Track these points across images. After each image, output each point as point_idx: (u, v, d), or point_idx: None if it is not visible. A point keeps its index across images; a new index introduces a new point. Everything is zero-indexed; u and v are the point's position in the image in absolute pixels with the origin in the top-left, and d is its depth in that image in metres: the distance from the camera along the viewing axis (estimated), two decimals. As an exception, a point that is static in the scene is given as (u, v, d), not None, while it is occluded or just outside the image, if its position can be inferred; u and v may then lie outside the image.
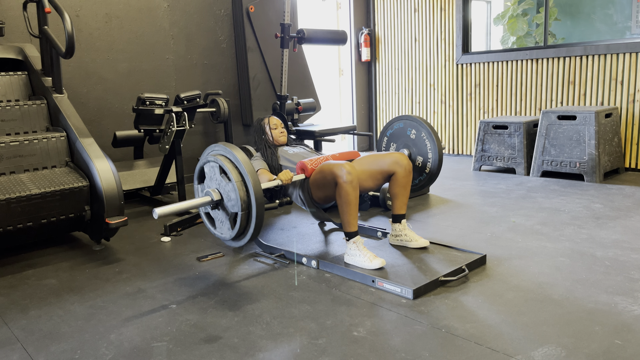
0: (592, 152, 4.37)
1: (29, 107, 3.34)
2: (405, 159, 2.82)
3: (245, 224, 2.39)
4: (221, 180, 2.43)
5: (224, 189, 2.42)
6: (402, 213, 2.85)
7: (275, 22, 5.40)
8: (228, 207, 2.42)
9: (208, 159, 2.51)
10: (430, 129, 3.16)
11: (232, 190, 2.37)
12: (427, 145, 3.17)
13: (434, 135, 3.15)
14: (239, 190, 2.33)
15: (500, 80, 5.63)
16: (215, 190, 2.46)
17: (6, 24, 4.01)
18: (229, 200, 2.40)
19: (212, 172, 2.49)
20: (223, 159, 2.42)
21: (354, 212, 2.59)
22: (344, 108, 6.98)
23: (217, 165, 2.45)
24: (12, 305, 2.37)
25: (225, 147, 2.43)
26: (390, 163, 2.82)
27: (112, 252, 3.08)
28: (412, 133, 3.26)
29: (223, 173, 2.43)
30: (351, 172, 2.55)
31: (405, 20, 6.41)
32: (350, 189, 2.55)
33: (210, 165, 2.49)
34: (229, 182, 2.38)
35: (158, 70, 4.91)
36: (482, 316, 2.05)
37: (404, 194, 2.83)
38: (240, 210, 2.34)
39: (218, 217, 2.51)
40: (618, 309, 2.07)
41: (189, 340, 1.96)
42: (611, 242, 2.87)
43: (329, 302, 2.24)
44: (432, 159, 3.15)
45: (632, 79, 4.70)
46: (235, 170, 2.38)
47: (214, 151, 2.51)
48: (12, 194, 2.79)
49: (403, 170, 2.79)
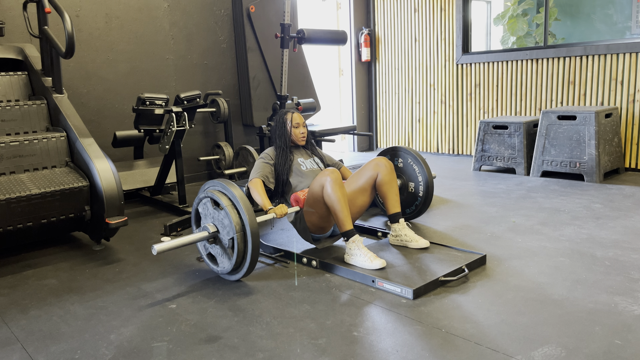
0: (592, 152, 4.36)
1: (29, 107, 3.34)
2: (383, 159, 2.89)
3: (242, 248, 2.39)
4: (214, 212, 2.47)
5: (217, 219, 2.46)
6: (397, 211, 2.86)
7: (275, 22, 5.40)
8: (224, 236, 2.44)
9: (200, 197, 2.57)
10: (415, 155, 3.27)
11: (224, 216, 2.40)
12: (416, 170, 3.28)
13: (420, 159, 3.27)
14: (231, 213, 2.37)
15: (500, 80, 5.63)
16: (210, 224, 2.50)
17: (6, 24, 4.01)
18: (223, 228, 2.43)
19: (205, 209, 2.53)
20: (213, 191, 2.48)
21: (345, 210, 2.59)
22: (344, 108, 6.98)
23: (209, 199, 2.50)
24: (12, 305, 2.37)
25: (213, 181, 2.51)
26: (371, 168, 2.88)
27: (112, 252, 3.08)
28: (399, 162, 3.37)
29: (215, 205, 2.48)
30: (332, 171, 2.62)
31: (405, 20, 6.41)
32: (336, 187, 2.59)
33: (203, 203, 2.54)
34: (220, 210, 2.42)
35: (158, 70, 4.91)
36: (482, 316, 2.05)
37: (392, 191, 2.85)
38: (235, 233, 2.35)
39: (217, 252, 2.53)
40: (618, 309, 2.07)
41: (189, 340, 1.96)
42: (611, 242, 2.87)
43: (329, 302, 2.24)
44: (423, 182, 3.24)
45: (632, 79, 4.70)
46: (224, 197, 2.43)
47: (206, 189, 2.57)
48: (12, 194, 2.79)
49: (384, 169, 2.86)
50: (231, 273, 2.51)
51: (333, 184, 2.59)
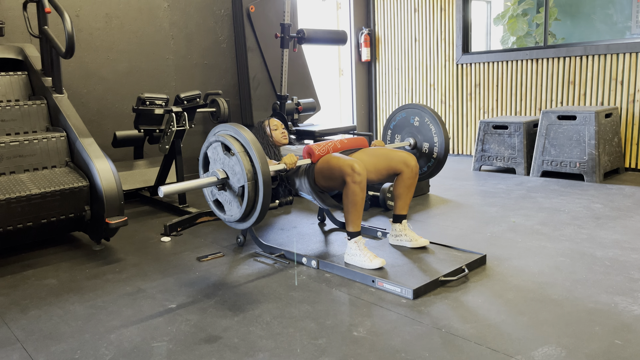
0: (592, 152, 4.36)
1: (29, 107, 3.34)
2: (413, 160, 2.79)
3: (253, 197, 2.30)
4: (224, 157, 2.37)
5: (228, 165, 2.36)
6: (404, 214, 2.85)
7: (275, 22, 5.40)
8: (234, 183, 2.35)
9: (210, 141, 2.47)
10: (433, 114, 3.10)
11: (236, 162, 2.31)
12: (432, 130, 3.11)
13: (437, 119, 3.08)
14: (243, 160, 2.27)
15: (500, 80, 5.63)
16: (220, 170, 2.41)
17: (6, 24, 4.01)
18: (234, 175, 2.34)
19: (215, 153, 2.44)
20: (225, 136, 2.38)
21: (359, 213, 2.58)
22: (344, 108, 6.98)
23: (220, 144, 2.40)
24: (12, 305, 2.37)
25: (225, 125, 2.41)
26: (398, 162, 2.78)
27: (112, 252, 3.08)
28: (415, 121, 3.21)
29: (226, 150, 2.39)
30: (361, 173, 2.53)
31: (405, 20, 6.41)
32: (358, 190, 2.53)
33: (213, 147, 2.45)
34: (232, 156, 2.32)
35: (158, 70, 4.91)
36: (482, 316, 2.05)
37: (407, 195, 2.82)
38: (246, 181, 2.27)
39: (226, 198, 2.44)
40: (618, 309, 2.07)
41: (189, 340, 1.96)
42: (611, 242, 2.87)
43: (329, 302, 2.24)
44: (439, 143, 3.08)
45: (632, 79, 4.70)
46: (237, 142, 2.32)
47: (216, 132, 2.47)
48: (12, 194, 2.79)
49: (410, 171, 2.77)
50: (239, 221, 2.45)
51: (358, 187, 2.53)
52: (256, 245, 3.04)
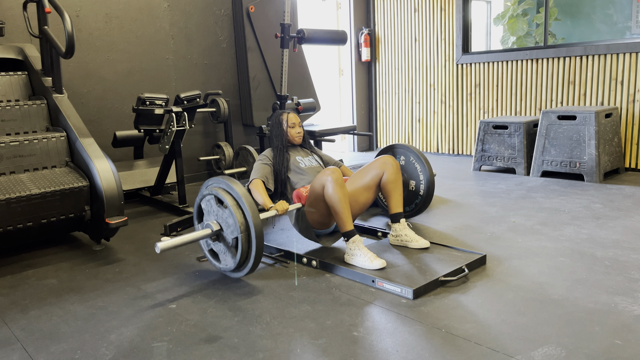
0: (592, 152, 4.36)
1: (29, 107, 3.34)
2: (391, 158, 2.88)
3: (247, 247, 2.38)
4: (218, 210, 2.46)
5: (221, 217, 2.45)
6: (399, 211, 2.85)
7: (275, 22, 5.40)
8: (227, 234, 2.43)
9: (204, 193, 2.56)
10: (417, 153, 3.27)
11: (229, 215, 2.39)
12: (417, 168, 3.27)
13: (422, 158, 3.26)
14: (236, 213, 2.35)
15: (500, 80, 5.63)
16: (214, 222, 2.49)
17: (6, 24, 4.01)
18: (227, 227, 2.42)
19: (208, 205, 2.52)
20: (218, 189, 2.46)
21: (346, 210, 2.59)
22: (344, 108, 6.98)
23: (213, 197, 2.49)
24: (12, 305, 2.37)
25: (218, 178, 2.49)
26: (378, 166, 2.87)
27: (112, 252, 3.08)
28: (401, 160, 3.36)
29: (219, 203, 2.47)
30: (334, 171, 2.61)
31: (405, 20, 6.41)
32: (337, 187, 2.58)
33: (207, 199, 2.53)
34: (225, 209, 2.41)
35: (158, 70, 4.91)
36: (482, 316, 2.05)
37: (396, 191, 2.85)
38: (239, 233, 2.35)
39: (220, 249, 2.52)
40: (618, 309, 2.07)
41: (189, 340, 1.96)
42: (611, 242, 2.87)
43: (329, 302, 2.24)
44: (424, 181, 3.24)
45: (632, 79, 4.70)
46: (229, 196, 2.41)
47: (209, 185, 2.55)
48: (12, 194, 2.79)
49: (391, 168, 2.85)
50: (234, 271, 2.51)
51: (334, 184, 2.59)
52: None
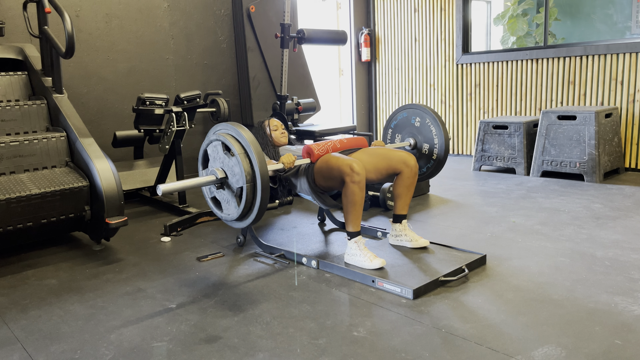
0: (592, 152, 4.36)
1: (29, 107, 3.34)
2: (412, 160, 2.79)
3: (251, 198, 2.32)
4: (224, 157, 2.39)
5: (227, 165, 2.38)
6: (404, 214, 2.85)
7: (276, 22, 5.40)
8: (233, 183, 2.36)
9: (211, 139, 2.48)
10: (434, 115, 3.10)
11: (235, 164, 2.32)
12: (433, 131, 3.12)
13: (438, 120, 3.09)
14: (243, 162, 2.29)
15: (500, 80, 5.62)
16: (219, 169, 2.42)
17: (6, 24, 4.01)
18: (233, 175, 2.35)
19: (215, 151, 2.45)
20: (225, 135, 2.39)
21: (358, 212, 2.58)
22: (344, 108, 6.98)
23: (220, 143, 2.41)
24: (12, 305, 2.37)
25: (226, 125, 2.42)
26: (397, 161, 2.78)
27: (112, 252, 3.08)
28: (416, 121, 3.21)
29: (226, 150, 2.40)
30: (360, 172, 2.52)
31: (405, 20, 6.41)
32: (357, 189, 2.53)
33: (213, 145, 2.46)
34: (232, 157, 2.34)
35: (158, 70, 4.91)
36: (482, 316, 2.05)
37: (407, 195, 2.82)
38: (245, 183, 2.28)
39: (224, 197, 2.45)
40: (618, 309, 2.07)
41: (189, 340, 1.96)
42: (611, 242, 2.87)
43: (329, 302, 2.24)
44: (439, 144, 3.10)
45: (632, 79, 4.70)
46: (237, 143, 2.34)
47: (217, 130, 2.48)
48: (12, 194, 2.79)
49: (409, 171, 2.77)
50: (236, 220, 2.47)
51: (357, 187, 2.53)
52: (256, 245, 3.04)
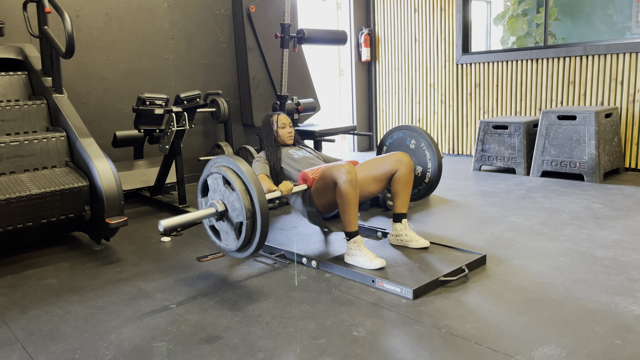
0: (592, 152, 4.36)
1: (29, 107, 3.34)
2: (407, 157, 2.84)
3: (250, 233, 2.38)
4: (225, 190, 2.43)
5: (227, 199, 2.42)
6: (404, 212, 2.85)
7: (276, 22, 5.40)
8: (232, 217, 2.41)
9: (211, 170, 2.51)
10: (429, 139, 3.20)
11: (236, 199, 2.36)
12: (427, 155, 3.21)
13: (433, 145, 3.18)
14: (243, 199, 2.33)
15: (500, 80, 5.62)
16: (219, 202, 2.46)
17: (6, 24, 4.01)
18: (233, 210, 2.40)
19: (215, 183, 2.49)
20: (226, 169, 2.42)
21: (354, 212, 2.59)
22: (344, 108, 6.98)
23: (221, 176, 2.45)
24: (12, 305, 2.37)
25: (228, 158, 2.45)
26: (392, 162, 2.83)
27: (112, 252, 3.08)
28: (411, 143, 3.30)
29: (227, 183, 2.44)
30: (350, 171, 2.55)
31: (405, 20, 6.41)
32: (349, 187, 2.54)
33: (214, 177, 2.49)
34: (232, 191, 2.38)
35: (158, 70, 4.91)
36: (482, 316, 2.05)
37: (405, 192, 2.83)
38: (245, 219, 2.33)
39: (223, 228, 2.50)
40: (618, 309, 2.07)
41: (189, 340, 1.96)
42: (611, 242, 2.87)
43: (329, 302, 2.24)
44: (432, 169, 3.19)
45: (632, 79, 4.70)
46: (238, 179, 2.38)
47: (217, 163, 2.51)
48: (12, 194, 2.79)
49: (405, 168, 2.81)
50: (234, 252, 2.50)
51: (349, 185, 2.54)
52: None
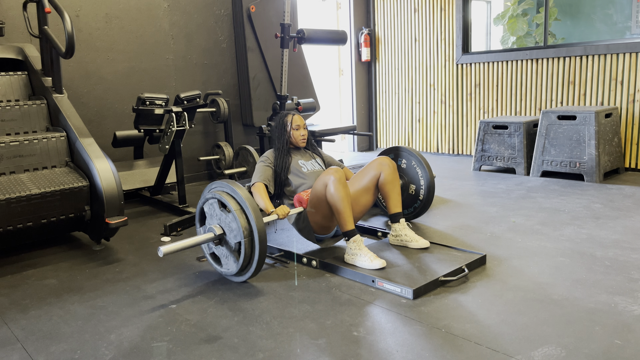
0: (592, 152, 4.36)
1: (29, 107, 3.34)
2: (386, 159, 2.90)
3: (249, 252, 2.38)
4: (221, 214, 2.45)
5: (224, 221, 2.44)
6: (398, 211, 2.86)
7: (276, 22, 5.40)
8: (230, 239, 2.42)
9: (207, 197, 2.55)
10: (419, 157, 3.26)
11: (232, 220, 2.38)
12: (419, 173, 3.28)
13: (424, 162, 3.27)
14: (239, 218, 2.35)
15: (500, 80, 5.63)
16: (216, 226, 2.48)
17: (6, 24, 4.01)
18: (230, 231, 2.41)
19: (211, 209, 2.52)
20: (221, 193, 2.46)
21: (347, 210, 2.59)
22: (344, 108, 6.98)
23: (216, 201, 2.48)
24: (12, 305, 2.37)
25: (221, 182, 2.49)
26: (375, 167, 2.88)
27: (112, 252, 3.08)
28: (402, 163, 3.36)
29: (222, 207, 2.46)
30: (337, 170, 2.62)
31: (405, 20, 6.41)
32: (339, 185, 2.59)
33: (209, 203, 2.52)
34: (228, 213, 2.40)
35: (158, 70, 4.91)
36: (482, 316, 2.05)
37: (394, 191, 2.86)
38: (242, 237, 2.34)
39: (222, 253, 2.52)
40: (618, 309, 2.07)
41: (189, 340, 1.96)
42: (611, 242, 2.87)
43: (329, 302, 2.24)
44: (425, 186, 3.25)
45: (632, 79, 4.70)
46: (233, 200, 2.40)
47: (212, 189, 2.55)
48: (12, 194, 2.79)
49: (388, 169, 2.86)
50: (236, 275, 2.51)
51: (337, 184, 2.59)
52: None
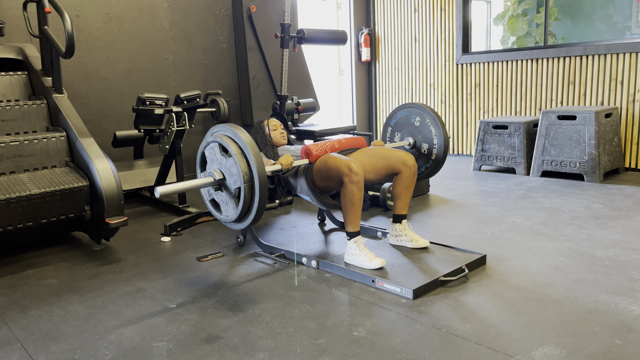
0: (592, 152, 4.36)
1: (29, 107, 3.34)
2: (411, 160, 2.79)
3: (249, 199, 2.32)
4: (221, 158, 2.39)
5: (225, 166, 2.38)
6: (404, 214, 2.85)
7: (276, 22, 5.40)
8: (230, 184, 2.36)
9: (208, 140, 2.48)
10: (434, 115, 3.09)
11: (233, 164, 2.32)
12: (432, 132, 3.11)
13: (438, 121, 3.08)
14: (240, 162, 2.29)
15: (500, 80, 5.62)
16: (216, 170, 2.42)
17: (6, 24, 4.01)
18: (230, 176, 2.35)
19: (212, 153, 2.46)
20: (222, 136, 2.39)
21: (357, 212, 2.58)
22: (344, 108, 6.98)
23: (217, 144, 2.42)
24: (12, 305, 2.37)
25: (223, 126, 2.42)
26: (396, 161, 2.78)
27: (112, 252, 3.08)
28: (416, 120, 3.20)
29: (223, 151, 2.40)
30: (358, 172, 2.53)
31: (405, 20, 6.41)
32: (355, 189, 2.53)
33: (210, 147, 2.46)
34: (229, 157, 2.34)
35: (158, 70, 4.91)
36: (482, 316, 2.05)
37: (406, 195, 2.82)
38: (242, 183, 2.28)
39: (222, 199, 2.46)
40: (618, 309, 2.07)
41: (189, 340, 1.96)
42: (611, 242, 2.87)
43: (329, 302, 2.24)
44: (438, 145, 3.09)
45: (632, 79, 4.70)
46: (234, 144, 2.34)
47: (214, 132, 2.48)
48: (12, 194, 2.79)
49: (408, 171, 2.77)
50: (235, 222, 2.47)
51: (355, 187, 2.53)
52: (256, 245, 3.04)
